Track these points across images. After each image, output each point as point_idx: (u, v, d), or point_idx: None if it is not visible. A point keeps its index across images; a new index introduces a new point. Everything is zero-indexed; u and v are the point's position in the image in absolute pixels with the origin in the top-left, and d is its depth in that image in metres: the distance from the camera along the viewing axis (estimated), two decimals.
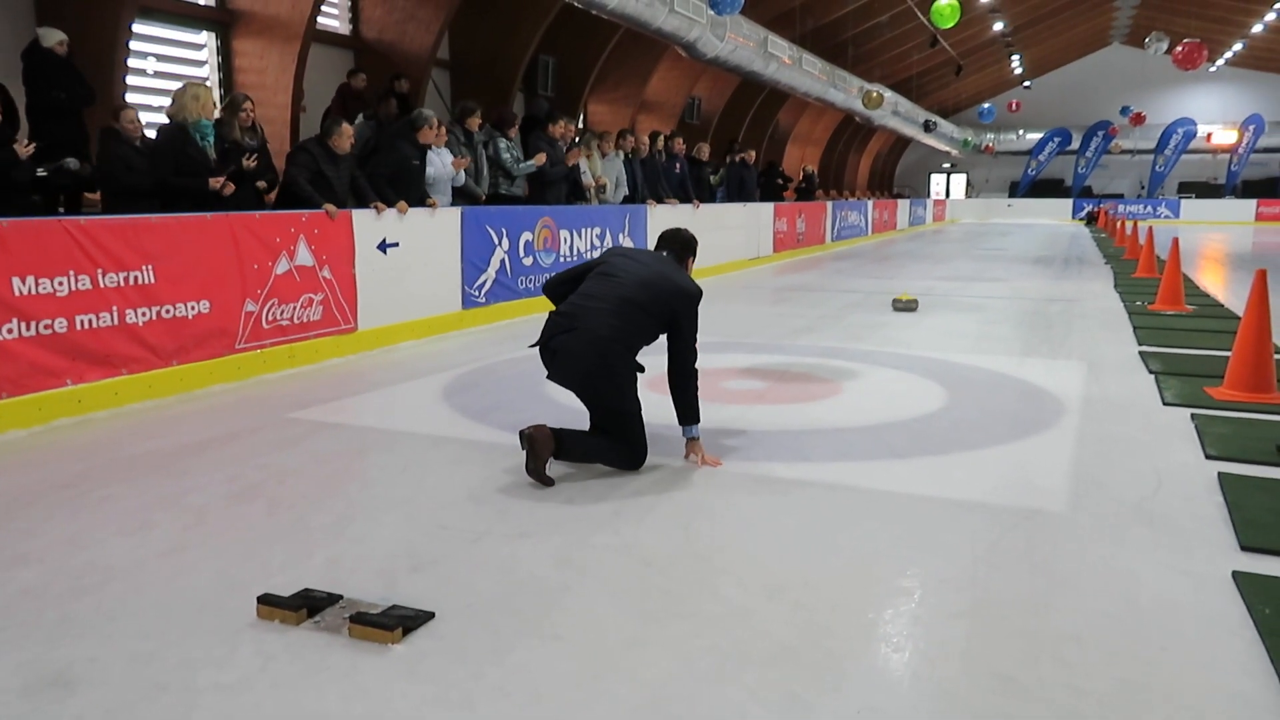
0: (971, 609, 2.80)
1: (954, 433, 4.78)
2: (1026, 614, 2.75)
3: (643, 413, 4.11)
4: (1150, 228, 16.15)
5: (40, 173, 6.00)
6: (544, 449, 3.83)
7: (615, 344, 3.97)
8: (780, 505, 3.71)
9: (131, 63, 8.89)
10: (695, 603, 2.83)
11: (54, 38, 7.31)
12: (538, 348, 4.11)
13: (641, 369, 4.16)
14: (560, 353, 4.00)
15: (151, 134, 6.90)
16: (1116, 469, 4.16)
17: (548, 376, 4.11)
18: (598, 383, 4.00)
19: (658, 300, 4.07)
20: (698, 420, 4.19)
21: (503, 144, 9.27)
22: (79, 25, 7.72)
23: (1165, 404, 5.35)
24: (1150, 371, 6.23)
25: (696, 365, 4.18)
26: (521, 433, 3.86)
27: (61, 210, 6.67)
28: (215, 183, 6.16)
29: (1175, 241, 10.43)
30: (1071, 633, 2.63)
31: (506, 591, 2.89)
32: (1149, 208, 34.93)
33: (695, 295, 4.21)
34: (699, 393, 4.21)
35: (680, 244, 4.49)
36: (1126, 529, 3.43)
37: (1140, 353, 6.95)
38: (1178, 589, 2.93)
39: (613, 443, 4.07)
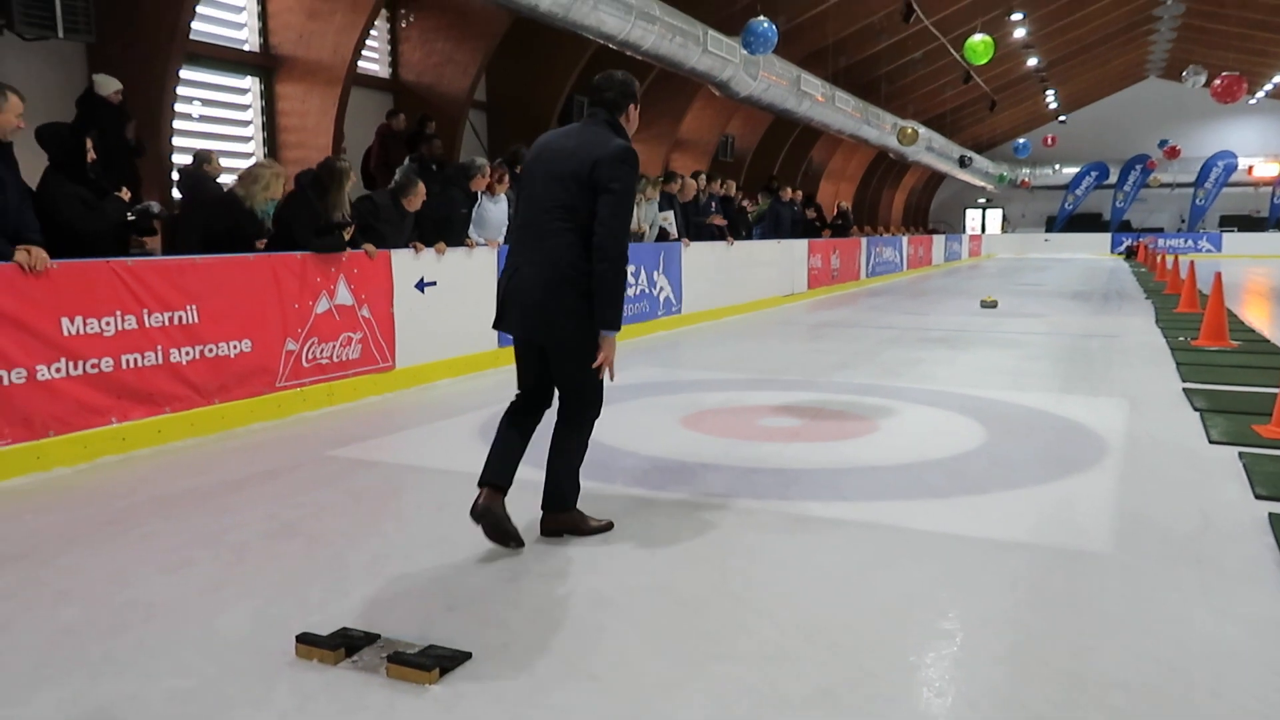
0: (1014, 652, 2.74)
1: (993, 471, 4.72)
2: (1071, 658, 2.70)
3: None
4: (1192, 262, 15.94)
5: (129, 216, 6.15)
6: (562, 524, 3.71)
7: (560, 270, 3.44)
8: (817, 545, 3.67)
9: (178, 107, 9.12)
10: (732, 644, 2.80)
11: (111, 86, 7.57)
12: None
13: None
14: (508, 304, 3.57)
15: (226, 179, 7.13)
16: (1162, 509, 4.08)
17: (503, 328, 3.63)
18: (554, 318, 3.46)
19: (580, 184, 3.43)
20: (615, 328, 3.49)
21: None
22: (129, 72, 7.95)
23: (1211, 442, 5.25)
24: (1195, 409, 6.12)
25: (625, 250, 3.47)
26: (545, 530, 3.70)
27: None
28: (260, 244, 6.26)
29: (1218, 276, 10.27)
30: (1118, 678, 2.58)
31: (543, 632, 2.89)
32: (1190, 242, 34.49)
33: (619, 152, 3.46)
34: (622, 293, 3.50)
35: (615, 92, 3.63)
36: (1173, 570, 3.36)
37: (1184, 389, 6.84)
38: (1228, 633, 2.85)
39: (563, 425, 3.65)
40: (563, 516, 3.71)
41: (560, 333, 3.50)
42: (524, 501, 3.91)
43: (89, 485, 4.58)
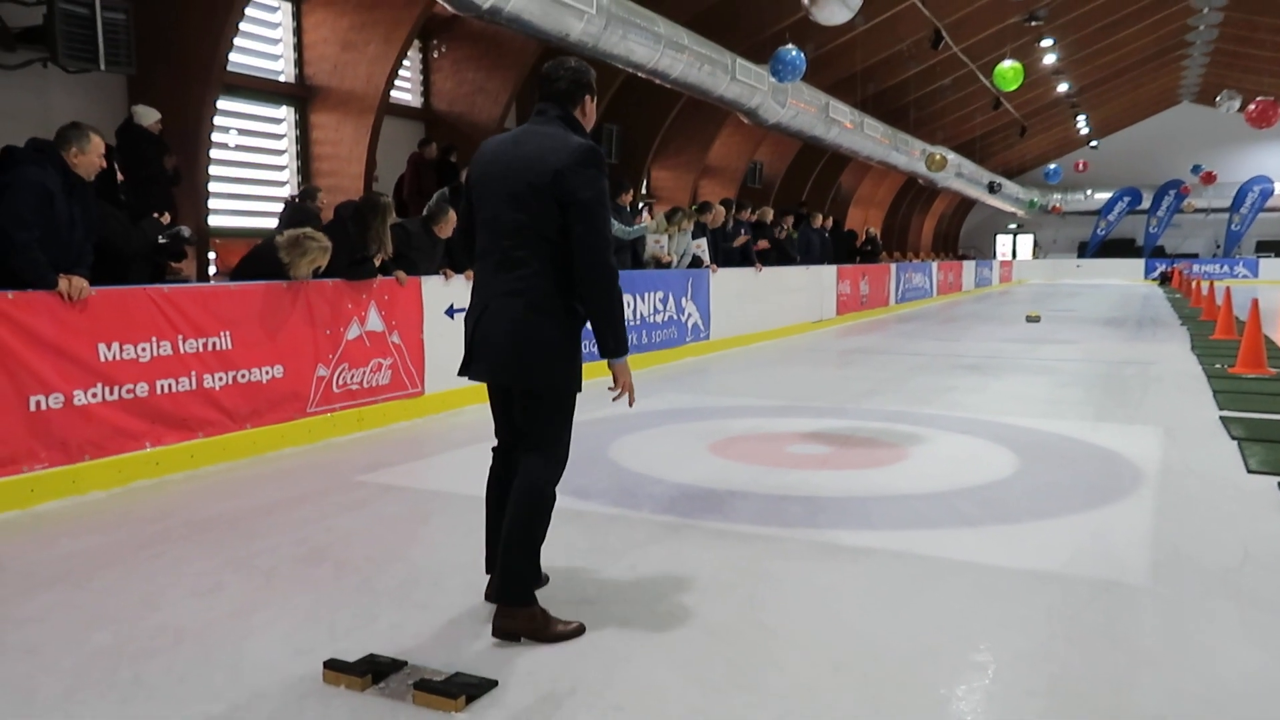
0: (1049, 686, 2.69)
1: (1026, 500, 4.66)
2: (1107, 692, 2.65)
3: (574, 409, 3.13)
4: (1228, 288, 15.73)
5: (160, 240, 6.25)
6: (520, 623, 3.01)
7: (534, 301, 2.97)
8: (846, 574, 3.63)
9: (214, 136, 9.29)
10: (759, 675, 2.77)
11: (151, 116, 7.75)
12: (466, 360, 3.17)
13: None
14: (477, 346, 3.09)
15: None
16: (1200, 540, 4.00)
17: (472, 375, 3.13)
18: (528, 359, 2.98)
19: (542, 199, 2.93)
20: (620, 353, 3.04)
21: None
22: (168, 103, 8.12)
23: (1250, 471, 5.15)
24: (1233, 437, 6.01)
25: (612, 267, 2.98)
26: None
27: None
28: None
29: (1255, 302, 10.12)
30: (1155, 713, 2.52)
31: (569, 659, 2.87)
32: (1225, 267, 34.02)
33: (582, 154, 2.95)
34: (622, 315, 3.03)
35: (567, 81, 3.11)
36: (1212, 603, 3.29)
37: (1221, 418, 6.72)
38: (1269, 669, 2.79)
39: (523, 489, 3.06)
40: (521, 613, 2.98)
41: (535, 376, 3.00)
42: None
43: (123, 509, 4.63)
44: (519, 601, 2.99)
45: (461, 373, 3.17)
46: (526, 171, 2.96)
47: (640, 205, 10.84)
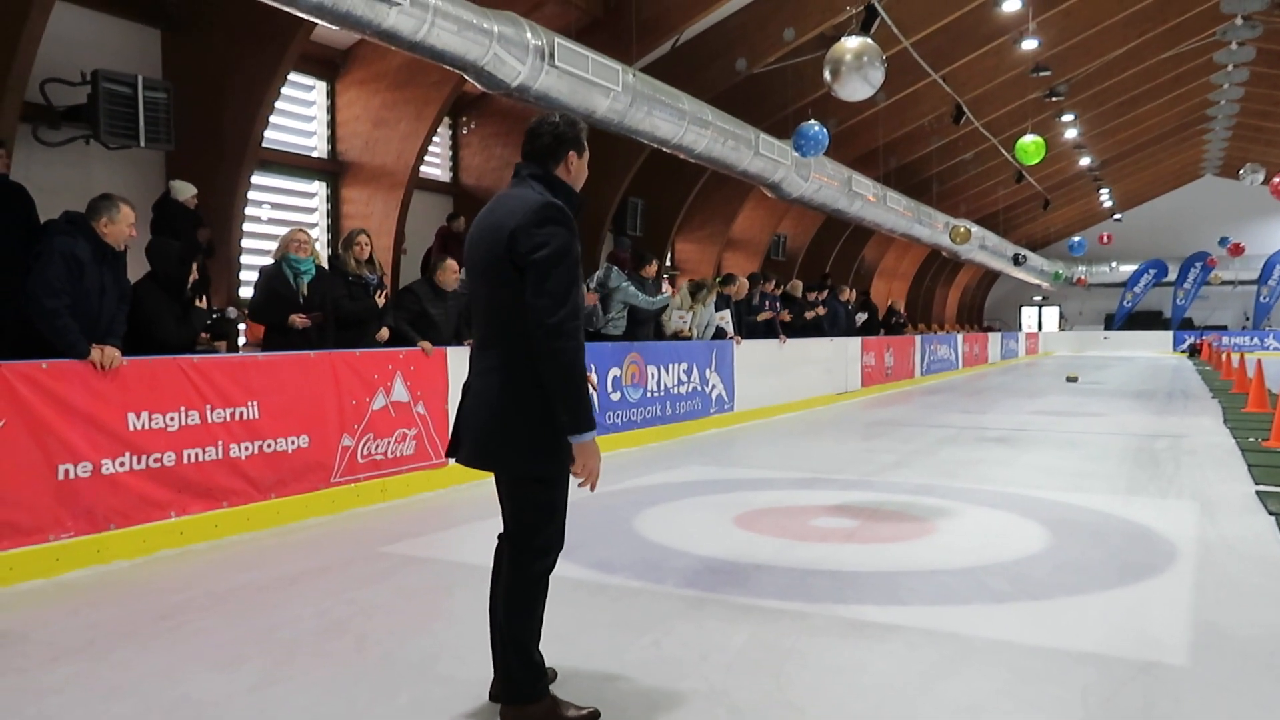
0: None
1: (1058, 576, 4.56)
2: None
3: (567, 489, 2.92)
4: (1259, 360, 15.53)
5: (208, 321, 6.39)
6: (529, 718, 2.89)
7: (511, 376, 2.77)
8: (875, 652, 3.56)
9: (248, 210, 9.51)
10: None
11: (187, 191, 7.96)
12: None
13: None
14: (462, 429, 2.94)
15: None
16: (1240, 618, 3.89)
17: (458, 460, 2.96)
18: (505, 445, 2.80)
19: (505, 265, 2.74)
20: (579, 430, 2.72)
21: (629, 286, 9.48)
22: (204, 178, 8.35)
23: None
24: (1270, 513, 5.88)
25: (567, 331, 2.67)
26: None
27: None
28: (295, 320, 6.40)
29: None
30: None
31: None
32: (1255, 339, 33.70)
33: (537, 212, 2.73)
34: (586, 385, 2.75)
35: (550, 136, 2.90)
36: (1255, 685, 3.19)
37: (1258, 492, 6.59)
38: None
39: (510, 580, 2.89)
40: (530, 709, 2.86)
41: (514, 462, 2.82)
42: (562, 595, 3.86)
43: (146, 579, 4.62)
44: (521, 699, 2.86)
45: (448, 454, 3.04)
46: (489, 239, 2.80)
47: (664, 277, 10.96)
